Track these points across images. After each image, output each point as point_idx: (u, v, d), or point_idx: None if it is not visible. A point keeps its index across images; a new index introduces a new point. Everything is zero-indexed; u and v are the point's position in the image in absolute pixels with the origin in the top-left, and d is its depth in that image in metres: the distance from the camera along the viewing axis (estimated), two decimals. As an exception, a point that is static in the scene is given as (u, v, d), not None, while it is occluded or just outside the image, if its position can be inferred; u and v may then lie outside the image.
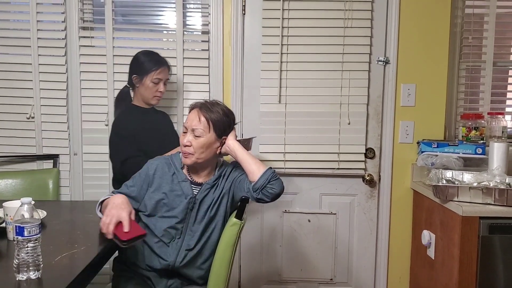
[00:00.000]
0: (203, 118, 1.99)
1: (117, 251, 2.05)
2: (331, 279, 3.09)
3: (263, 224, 3.06)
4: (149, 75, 2.54)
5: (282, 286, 3.10)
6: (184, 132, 2.03)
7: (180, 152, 2.10)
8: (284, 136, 2.95)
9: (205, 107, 2.03)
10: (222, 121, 2.03)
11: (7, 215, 1.77)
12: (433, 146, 2.80)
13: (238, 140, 2.08)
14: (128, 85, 2.65)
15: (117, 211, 1.74)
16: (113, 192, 2.04)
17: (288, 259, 3.07)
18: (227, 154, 2.12)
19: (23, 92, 2.95)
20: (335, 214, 3.04)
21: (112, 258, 2.03)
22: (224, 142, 2.07)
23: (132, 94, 2.68)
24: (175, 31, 2.94)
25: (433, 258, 2.64)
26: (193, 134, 1.99)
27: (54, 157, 2.96)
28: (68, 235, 1.92)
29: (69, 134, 2.98)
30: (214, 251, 2.03)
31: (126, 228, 1.70)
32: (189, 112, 2.06)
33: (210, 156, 2.04)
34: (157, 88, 2.57)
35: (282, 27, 2.88)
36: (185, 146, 1.98)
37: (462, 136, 2.88)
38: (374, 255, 3.07)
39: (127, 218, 1.72)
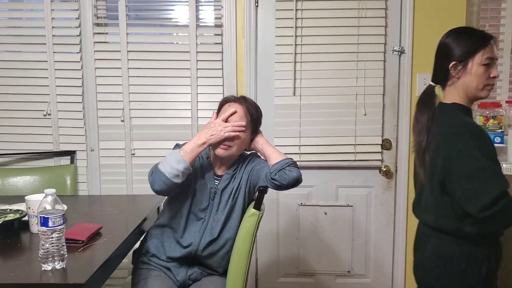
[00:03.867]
0: (248, 114, 2.02)
1: (137, 243, 2.07)
2: (349, 271, 3.08)
3: (279, 217, 3.06)
4: (477, 57, 1.76)
5: (299, 279, 3.10)
6: None
7: None
8: (299, 128, 2.94)
9: (247, 103, 2.05)
10: (257, 117, 2.08)
11: (29, 208, 1.79)
12: (449, 136, 2.78)
13: None
14: (433, 83, 1.87)
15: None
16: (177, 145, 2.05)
17: (305, 251, 3.07)
18: (252, 150, 2.14)
19: (39, 90, 2.97)
20: (351, 206, 3.03)
21: (131, 252, 2.04)
22: (252, 139, 2.09)
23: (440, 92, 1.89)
24: (188, 25, 2.94)
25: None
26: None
27: (71, 153, 2.98)
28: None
29: (85, 130, 3.00)
30: (234, 241, 2.03)
31: None
32: (226, 104, 2.06)
33: (242, 151, 2.08)
34: (489, 73, 1.78)
35: (296, 19, 2.87)
36: None
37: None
38: (392, 246, 3.06)
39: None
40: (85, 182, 3.02)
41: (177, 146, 2.04)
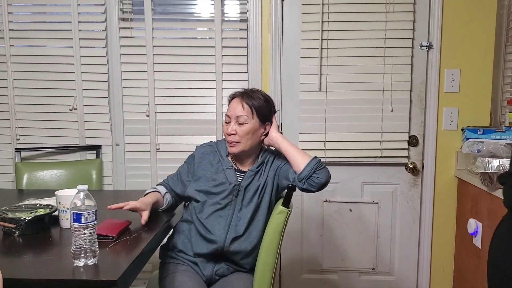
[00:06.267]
0: (246, 105, 2.01)
1: (165, 238, 2.08)
2: (373, 269, 3.05)
3: (303, 213, 3.04)
4: None
5: (323, 275, 3.09)
6: (227, 122, 2.05)
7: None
8: (324, 124, 2.91)
9: (246, 94, 2.05)
10: (263, 107, 2.05)
11: (59, 203, 1.80)
12: (478, 132, 2.74)
13: None
14: None
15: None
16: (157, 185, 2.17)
17: (329, 248, 3.05)
18: (268, 145, 2.14)
19: (65, 84, 2.99)
20: (377, 203, 3.00)
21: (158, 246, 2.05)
22: (267, 129, 2.08)
23: None
24: (213, 20, 2.93)
25: (479, 248, 2.58)
26: (237, 122, 2.01)
27: (96, 148, 3.00)
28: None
29: (111, 125, 3.01)
30: (261, 238, 2.04)
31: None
32: (230, 101, 2.08)
33: (255, 144, 2.06)
34: None
35: (322, 13, 2.83)
36: (230, 135, 2.00)
37: (509, 122, 2.80)
38: (417, 244, 3.02)
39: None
40: (110, 176, 3.04)
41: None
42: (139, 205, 1.87)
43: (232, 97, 2.09)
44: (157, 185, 2.16)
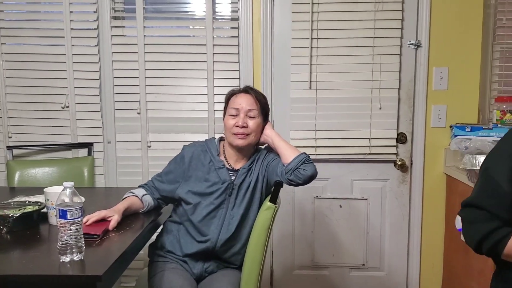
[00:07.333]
0: (257, 101, 2.07)
1: (154, 236, 2.10)
2: (363, 264, 3.08)
3: (294, 210, 3.07)
4: None
5: (314, 271, 3.12)
6: (233, 115, 2.06)
7: (215, 139, 2.15)
8: (315, 122, 2.94)
9: (254, 91, 2.12)
10: (266, 105, 2.14)
11: (48, 200, 1.83)
12: (466, 130, 2.76)
13: None
14: None
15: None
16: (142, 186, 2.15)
17: (320, 244, 3.08)
18: (263, 144, 2.17)
19: (57, 82, 3.01)
20: (366, 199, 3.03)
21: (147, 245, 2.06)
22: (263, 128, 2.13)
23: None
24: (204, 18, 2.95)
25: (467, 243, 2.61)
26: (247, 115, 2.05)
27: (88, 146, 3.02)
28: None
29: (102, 123, 3.03)
30: (250, 235, 2.05)
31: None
32: (232, 96, 2.11)
33: (257, 140, 2.11)
34: None
35: (312, 12, 2.85)
36: (242, 127, 2.03)
37: (497, 120, 2.83)
38: (407, 240, 3.05)
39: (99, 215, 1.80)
40: (102, 174, 3.06)
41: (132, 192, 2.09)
42: (106, 212, 1.82)
43: (237, 92, 2.12)
44: (138, 186, 2.14)
